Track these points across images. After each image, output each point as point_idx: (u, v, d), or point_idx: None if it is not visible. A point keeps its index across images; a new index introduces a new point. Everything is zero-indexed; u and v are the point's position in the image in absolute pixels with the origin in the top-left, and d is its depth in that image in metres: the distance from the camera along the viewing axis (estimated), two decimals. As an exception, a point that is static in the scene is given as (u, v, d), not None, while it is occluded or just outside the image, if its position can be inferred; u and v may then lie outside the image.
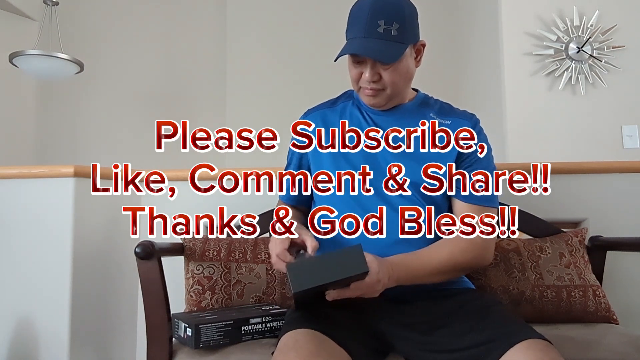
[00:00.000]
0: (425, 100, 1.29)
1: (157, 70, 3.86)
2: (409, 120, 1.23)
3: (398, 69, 1.14)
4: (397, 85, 1.16)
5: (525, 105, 2.69)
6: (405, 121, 1.23)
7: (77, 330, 1.55)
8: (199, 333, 1.13)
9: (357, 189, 1.18)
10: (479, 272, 1.39)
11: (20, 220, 1.59)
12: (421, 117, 1.23)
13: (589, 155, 2.50)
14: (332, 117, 1.28)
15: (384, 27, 1.10)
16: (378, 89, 1.16)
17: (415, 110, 1.25)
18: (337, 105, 1.30)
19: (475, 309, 1.05)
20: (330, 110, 1.30)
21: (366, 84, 1.16)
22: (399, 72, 1.15)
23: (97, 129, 3.68)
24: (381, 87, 1.16)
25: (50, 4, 3.27)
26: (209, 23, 3.98)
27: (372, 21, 1.10)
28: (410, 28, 1.15)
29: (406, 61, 1.16)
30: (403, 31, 1.12)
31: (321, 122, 1.28)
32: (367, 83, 1.15)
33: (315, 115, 1.31)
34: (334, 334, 0.97)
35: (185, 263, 1.41)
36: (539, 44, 2.71)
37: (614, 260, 1.57)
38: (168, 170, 1.80)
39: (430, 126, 1.21)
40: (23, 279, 1.57)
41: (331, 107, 1.31)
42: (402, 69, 1.15)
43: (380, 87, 1.16)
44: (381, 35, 1.10)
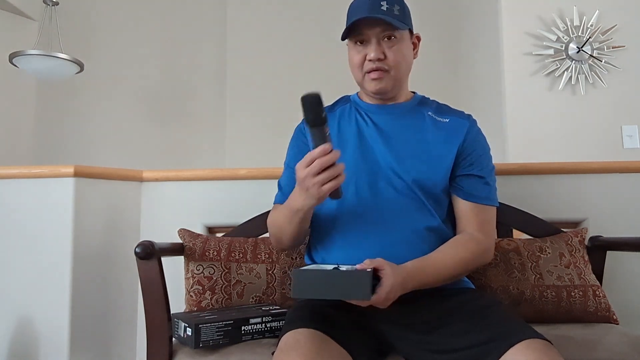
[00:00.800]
0: (423, 100, 1.30)
1: (157, 70, 3.86)
2: (408, 119, 1.24)
3: (401, 48, 1.18)
4: (400, 67, 1.19)
5: (525, 105, 2.69)
6: (403, 120, 1.23)
7: (77, 330, 1.55)
8: (198, 333, 1.13)
9: (358, 191, 1.18)
10: (479, 272, 1.39)
11: (20, 220, 1.59)
12: (419, 116, 1.24)
13: (589, 155, 2.50)
14: (331, 121, 1.27)
15: (386, 6, 1.14)
16: (383, 69, 1.17)
17: (413, 109, 1.26)
18: (335, 110, 1.31)
19: (475, 309, 1.05)
20: (329, 115, 1.29)
21: (371, 65, 1.17)
22: (402, 52, 1.18)
23: (97, 128, 3.68)
24: (386, 67, 1.17)
25: (50, 4, 3.26)
26: (209, 23, 3.98)
27: (375, 1, 1.14)
28: (409, 15, 1.20)
29: (408, 45, 1.20)
30: (404, 13, 1.17)
31: None
32: (372, 64, 1.17)
33: None
34: (335, 333, 0.97)
35: (185, 263, 1.41)
36: (539, 44, 2.71)
37: (614, 260, 1.57)
38: (168, 170, 1.79)
39: (430, 124, 1.22)
40: (23, 279, 1.57)
41: (330, 112, 1.30)
42: (405, 50, 1.19)
43: (385, 67, 1.17)
44: (385, 12, 1.14)
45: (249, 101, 3.84)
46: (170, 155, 3.70)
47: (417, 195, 1.17)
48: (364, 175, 1.19)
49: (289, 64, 3.80)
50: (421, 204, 1.17)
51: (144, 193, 1.78)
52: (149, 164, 2.24)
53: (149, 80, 3.83)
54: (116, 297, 1.70)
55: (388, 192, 1.17)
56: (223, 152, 3.82)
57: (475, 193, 1.20)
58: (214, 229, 1.76)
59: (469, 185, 1.20)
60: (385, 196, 1.17)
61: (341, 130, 1.26)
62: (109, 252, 1.69)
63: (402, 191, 1.17)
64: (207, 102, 3.92)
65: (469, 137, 1.22)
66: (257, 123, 3.77)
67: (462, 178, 1.21)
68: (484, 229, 1.19)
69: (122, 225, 1.72)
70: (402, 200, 1.16)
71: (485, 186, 1.22)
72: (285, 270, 1.42)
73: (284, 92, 3.76)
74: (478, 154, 1.22)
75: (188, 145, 3.81)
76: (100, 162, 1.93)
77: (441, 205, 1.20)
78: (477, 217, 1.20)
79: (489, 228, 1.22)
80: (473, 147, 1.22)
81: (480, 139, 1.24)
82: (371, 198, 1.17)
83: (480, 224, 1.19)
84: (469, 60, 3.53)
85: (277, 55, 3.85)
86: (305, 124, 0.98)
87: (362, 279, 0.93)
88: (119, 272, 1.70)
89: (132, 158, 3.51)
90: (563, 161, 1.80)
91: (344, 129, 1.25)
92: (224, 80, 3.90)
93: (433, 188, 1.18)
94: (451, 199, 1.23)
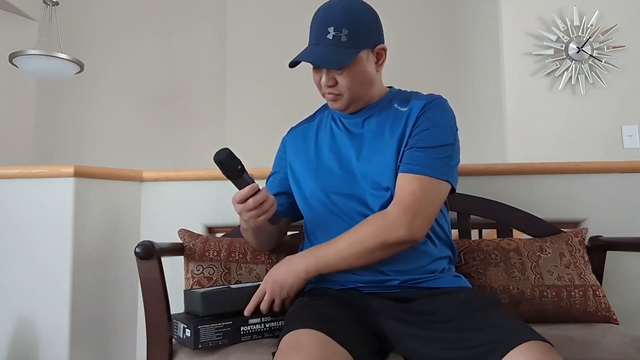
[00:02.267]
0: (395, 94, 1.27)
1: (157, 70, 3.86)
2: (378, 117, 1.23)
3: (353, 73, 1.16)
4: (354, 90, 1.18)
5: (525, 105, 2.69)
6: (374, 119, 1.23)
7: (77, 330, 1.55)
8: (197, 334, 1.13)
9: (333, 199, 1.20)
10: (479, 271, 1.39)
11: (20, 220, 1.59)
12: (387, 112, 1.23)
13: (589, 155, 2.50)
14: (310, 131, 1.32)
15: (333, 33, 1.13)
16: (335, 93, 1.18)
17: (384, 107, 1.24)
18: (315, 118, 1.35)
19: (476, 309, 1.05)
20: (309, 124, 1.34)
21: (325, 89, 1.19)
22: (355, 77, 1.16)
23: (97, 129, 3.68)
24: (338, 92, 1.18)
25: (50, 4, 3.26)
26: (209, 23, 3.98)
27: (321, 28, 1.14)
28: (366, 32, 1.16)
29: (362, 65, 1.16)
30: (354, 37, 1.13)
31: (302, 138, 1.32)
32: (325, 88, 1.18)
33: (297, 132, 1.35)
34: (335, 334, 0.97)
35: (185, 263, 1.41)
36: (539, 44, 2.71)
37: (614, 260, 1.57)
38: (168, 170, 1.79)
39: (395, 117, 1.21)
40: (23, 279, 1.57)
41: (310, 122, 1.35)
42: (358, 73, 1.16)
43: (337, 92, 1.18)
44: (330, 41, 1.13)
45: (249, 101, 3.85)
46: (170, 155, 3.70)
47: (392, 195, 1.15)
48: (340, 183, 1.20)
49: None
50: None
51: (144, 193, 1.78)
52: (149, 164, 2.24)
53: (149, 80, 3.83)
54: (116, 297, 1.70)
55: (364, 196, 1.18)
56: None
57: (405, 162, 1.13)
58: (214, 229, 1.76)
59: (405, 158, 1.14)
60: (362, 201, 1.18)
61: (318, 139, 1.29)
62: (109, 252, 1.69)
63: (377, 195, 1.17)
64: (207, 102, 3.92)
65: (419, 115, 1.17)
66: (257, 123, 3.77)
67: (403, 154, 1.16)
68: (402, 202, 1.10)
69: (122, 225, 1.72)
70: (378, 202, 1.16)
71: (421, 155, 1.12)
72: (285, 271, 1.42)
73: (284, 92, 3.77)
74: (424, 127, 1.16)
75: (188, 145, 3.81)
76: (100, 162, 1.93)
77: None
78: (400, 189, 1.12)
79: (411, 199, 1.09)
80: (420, 123, 1.16)
81: (432, 114, 1.17)
82: (349, 204, 1.18)
83: (401, 196, 1.11)
84: (469, 60, 3.53)
85: (277, 55, 3.84)
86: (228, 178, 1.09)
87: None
88: (119, 272, 1.70)
89: (132, 158, 3.51)
90: (563, 161, 1.80)
91: (321, 138, 1.29)
92: (224, 80, 3.90)
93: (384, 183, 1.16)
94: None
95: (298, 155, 1.30)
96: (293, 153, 1.32)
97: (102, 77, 3.68)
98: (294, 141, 1.34)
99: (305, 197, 1.27)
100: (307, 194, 1.26)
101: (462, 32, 3.64)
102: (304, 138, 1.32)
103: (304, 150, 1.30)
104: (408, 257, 1.15)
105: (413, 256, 1.16)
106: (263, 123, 3.70)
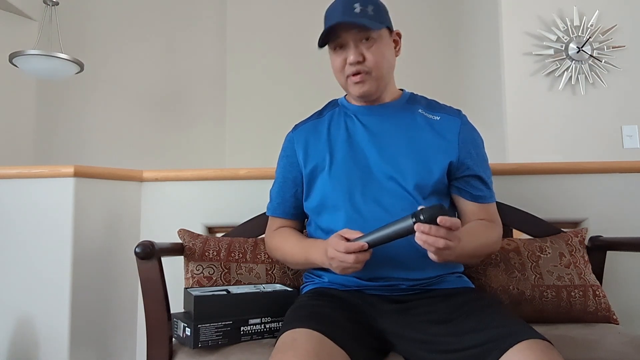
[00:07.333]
0: (412, 97, 1.29)
1: (157, 71, 3.86)
2: (398, 118, 1.23)
3: (380, 48, 1.17)
4: (381, 68, 1.18)
5: (525, 105, 2.69)
6: (394, 120, 1.23)
7: (77, 330, 1.55)
8: (197, 333, 1.13)
9: (352, 199, 1.18)
10: (479, 271, 1.39)
11: (20, 220, 1.59)
12: (410, 114, 1.24)
13: (589, 155, 2.50)
14: (320, 127, 1.29)
15: (360, 7, 1.14)
16: (364, 71, 1.17)
17: (403, 107, 1.25)
18: (323, 115, 1.32)
19: (475, 309, 1.05)
20: (318, 121, 1.31)
21: (352, 69, 1.17)
22: (383, 53, 1.17)
23: (97, 129, 3.68)
24: (366, 69, 1.17)
25: (50, 4, 3.27)
26: (209, 23, 3.98)
27: (347, 5, 1.15)
28: (385, 13, 1.20)
29: (387, 44, 1.19)
30: (379, 13, 1.17)
31: (312, 134, 1.28)
32: (352, 67, 1.17)
33: (304, 129, 1.31)
34: (333, 333, 0.97)
35: (185, 263, 1.41)
36: (539, 44, 2.71)
37: (614, 260, 1.57)
38: (168, 170, 1.79)
39: (422, 122, 1.23)
40: (23, 278, 1.57)
41: (318, 118, 1.32)
42: (385, 49, 1.18)
43: (365, 70, 1.17)
44: (358, 14, 1.14)
45: (248, 101, 3.85)
46: (170, 155, 3.70)
47: (413, 198, 1.16)
48: (357, 182, 1.18)
49: (289, 64, 3.81)
50: (417, 206, 1.16)
51: (144, 193, 1.78)
52: (149, 164, 2.24)
53: (149, 80, 3.83)
54: (116, 297, 1.70)
55: (382, 197, 1.17)
56: (223, 152, 3.82)
57: (479, 194, 1.23)
58: (214, 229, 1.76)
59: (472, 188, 1.22)
60: (379, 201, 1.16)
61: (331, 135, 1.26)
62: (109, 252, 1.69)
63: (397, 195, 1.16)
64: (207, 103, 3.92)
65: (463, 137, 1.21)
66: (257, 123, 3.77)
67: (463, 180, 1.21)
68: (499, 224, 1.27)
69: (122, 225, 1.72)
70: (398, 204, 1.15)
71: (486, 185, 1.24)
72: (284, 271, 1.42)
73: (284, 92, 3.77)
74: (475, 153, 1.22)
75: (188, 145, 3.81)
76: (100, 162, 1.93)
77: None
78: (486, 213, 1.24)
79: (497, 218, 1.27)
80: (468, 147, 1.22)
81: (474, 136, 1.25)
82: (365, 205, 1.17)
83: (490, 218, 1.24)
84: (469, 60, 3.53)
85: (277, 55, 3.85)
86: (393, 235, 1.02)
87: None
88: (119, 272, 1.70)
89: (132, 158, 3.51)
90: (563, 161, 1.80)
91: (334, 134, 1.26)
92: (224, 81, 3.90)
93: (429, 188, 1.17)
94: (452, 197, 1.24)
95: (309, 149, 1.26)
96: (302, 149, 1.27)
97: (102, 77, 3.69)
98: (304, 135, 1.29)
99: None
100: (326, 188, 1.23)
101: (462, 32, 3.64)
102: (315, 133, 1.28)
103: (315, 145, 1.26)
104: (419, 263, 1.13)
105: (424, 263, 1.09)
106: (263, 123, 3.70)
